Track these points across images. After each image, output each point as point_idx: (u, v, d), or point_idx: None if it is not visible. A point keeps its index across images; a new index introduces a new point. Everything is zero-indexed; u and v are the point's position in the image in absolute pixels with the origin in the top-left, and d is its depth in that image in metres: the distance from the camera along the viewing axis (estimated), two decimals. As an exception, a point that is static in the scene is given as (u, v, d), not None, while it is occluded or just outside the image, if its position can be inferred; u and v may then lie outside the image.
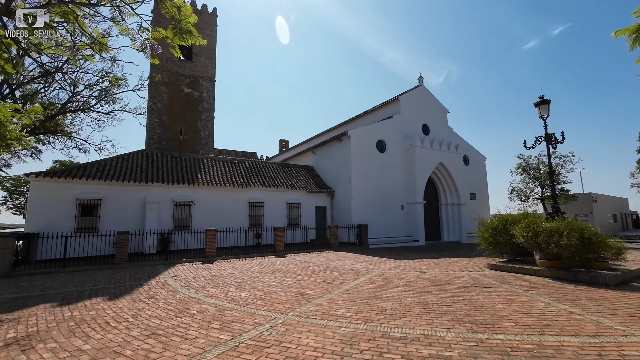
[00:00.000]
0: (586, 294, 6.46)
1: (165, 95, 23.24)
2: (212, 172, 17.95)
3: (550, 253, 8.28)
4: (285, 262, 11.91)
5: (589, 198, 29.87)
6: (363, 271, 9.77)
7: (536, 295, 6.40)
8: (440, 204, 23.06)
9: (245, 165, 19.88)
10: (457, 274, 9.10)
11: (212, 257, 13.10)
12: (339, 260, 12.50)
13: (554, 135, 9.72)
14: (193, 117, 24.17)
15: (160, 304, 6.20)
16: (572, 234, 7.92)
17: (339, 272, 9.58)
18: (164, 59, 23.46)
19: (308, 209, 19.69)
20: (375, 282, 8.05)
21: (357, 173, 19.19)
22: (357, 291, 7.03)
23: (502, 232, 9.95)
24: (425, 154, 21.22)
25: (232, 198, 17.32)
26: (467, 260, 11.89)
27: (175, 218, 15.70)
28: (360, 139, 19.64)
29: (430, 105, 23.68)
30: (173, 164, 17.43)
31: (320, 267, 10.75)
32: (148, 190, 15.19)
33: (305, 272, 9.61)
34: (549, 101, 9.93)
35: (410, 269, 10.02)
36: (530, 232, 8.62)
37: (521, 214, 10.37)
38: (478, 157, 26.69)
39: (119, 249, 11.60)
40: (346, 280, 8.36)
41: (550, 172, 9.91)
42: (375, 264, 11.37)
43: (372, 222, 19.12)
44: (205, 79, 25.02)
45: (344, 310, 5.58)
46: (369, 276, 8.88)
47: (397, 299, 6.33)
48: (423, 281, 8.06)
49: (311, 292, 6.98)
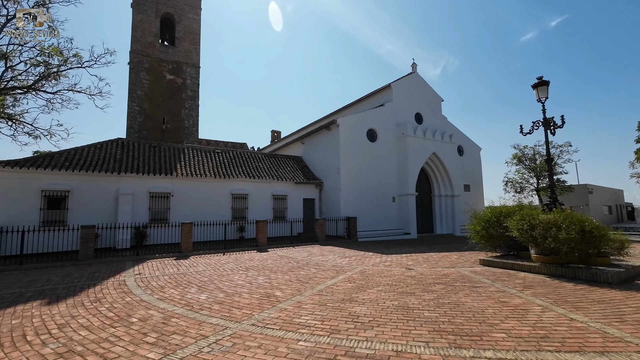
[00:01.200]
0: (587, 295, 5.73)
1: (146, 82, 22.09)
2: (193, 162, 17.01)
3: (547, 248, 7.56)
4: (264, 258, 11.13)
5: (585, 189, 29.34)
6: (345, 268, 9.01)
7: (532, 297, 5.66)
8: (434, 196, 22.35)
9: (229, 156, 18.95)
10: (446, 270, 8.37)
11: (187, 253, 12.28)
12: (323, 255, 11.74)
13: (552, 120, 8.92)
14: (176, 106, 23.08)
15: (102, 309, 5.38)
16: (572, 227, 7.19)
17: (318, 269, 8.81)
18: (144, 43, 22.28)
19: (295, 201, 18.87)
20: (355, 280, 7.29)
21: (346, 163, 18.35)
22: (331, 292, 6.25)
23: (495, 225, 9.22)
24: (418, 143, 20.40)
25: (214, 190, 16.44)
26: (458, 255, 11.18)
27: (151, 211, 14.81)
28: (349, 128, 18.74)
29: (424, 93, 22.77)
30: (151, 153, 16.45)
31: (300, 263, 9.98)
32: (121, 181, 14.25)
33: (282, 269, 8.83)
34: (547, 82, 9.10)
35: (396, 265, 9.28)
36: (525, 225, 7.88)
37: (516, 205, 9.63)
38: (473, 147, 25.93)
39: (84, 244, 10.73)
40: (323, 278, 7.59)
41: (548, 160, 9.14)
42: (360, 259, 10.62)
43: (362, 215, 18.36)
44: (189, 65, 23.85)
45: (310, 317, 4.80)
46: (350, 273, 8.12)
47: (374, 301, 5.56)
48: (407, 279, 7.31)
49: (279, 294, 6.19)
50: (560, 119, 8.73)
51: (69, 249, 12.34)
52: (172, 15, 23.78)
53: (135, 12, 22.40)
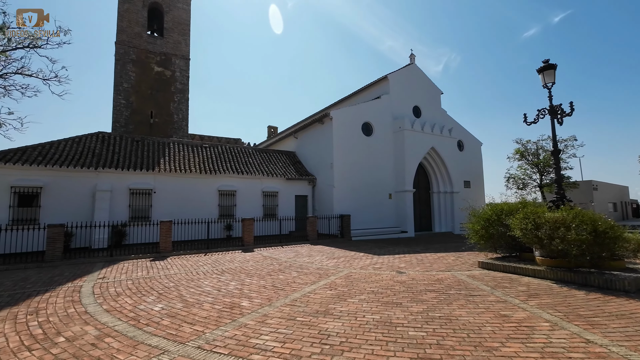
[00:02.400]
0: (603, 307, 4.90)
1: (133, 74, 21.23)
2: (178, 157, 16.20)
3: (554, 250, 6.72)
4: (246, 259, 10.34)
5: (590, 186, 28.44)
6: (330, 271, 8.20)
7: (537, 309, 4.84)
8: (432, 193, 21.50)
9: (218, 150, 18.12)
10: (441, 274, 7.54)
11: (166, 253, 11.50)
12: (310, 255, 10.94)
13: (560, 107, 8.04)
14: (165, 99, 22.23)
15: (33, 324, 4.59)
16: (582, 226, 6.34)
17: (300, 273, 8.00)
18: (131, 34, 21.40)
19: (287, 198, 18.05)
20: (337, 287, 6.47)
21: (340, 158, 17.50)
22: (306, 302, 5.44)
23: (495, 224, 8.38)
24: (416, 137, 19.52)
25: (200, 186, 15.63)
26: (455, 256, 10.35)
27: (132, 208, 14.03)
28: (343, 121, 17.86)
29: (422, 85, 21.84)
30: (133, 148, 15.64)
31: (283, 265, 9.17)
32: (99, 177, 13.45)
33: (260, 273, 8.03)
34: (554, 66, 8.21)
35: (386, 268, 8.46)
36: (529, 224, 7.04)
37: (519, 202, 8.78)
38: (473, 142, 25.03)
39: (51, 244, 9.96)
40: (302, 284, 6.78)
41: (554, 152, 8.27)
42: (349, 260, 9.81)
43: (357, 212, 17.55)
44: (179, 57, 22.96)
45: (271, 336, 3.98)
46: (333, 278, 7.31)
47: (352, 315, 4.75)
48: (396, 285, 6.49)
49: (246, 304, 5.38)
50: (569, 106, 7.86)
51: (41, 249, 11.57)
52: (161, 4, 22.87)
53: (122, 1, 21.48)
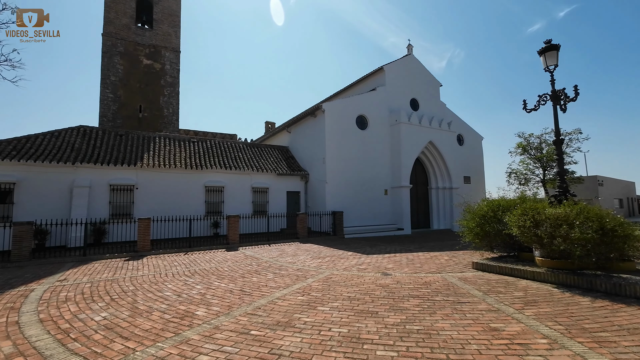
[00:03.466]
0: (611, 318, 4.19)
1: (121, 67, 20.57)
2: (164, 152, 15.55)
3: (556, 250, 6.00)
4: (225, 259, 9.69)
5: (595, 181, 27.52)
6: (310, 272, 7.53)
7: (534, 321, 4.13)
8: (430, 189, 20.75)
9: (206, 145, 17.46)
10: (430, 277, 6.85)
11: (144, 252, 10.89)
12: (295, 255, 10.27)
13: (563, 92, 7.26)
14: (154, 93, 21.57)
15: (-54, 338, 3.95)
16: (588, 224, 5.61)
17: (277, 274, 7.33)
18: (118, 25, 20.72)
19: (278, 194, 17.39)
20: (311, 291, 5.80)
21: (332, 153, 16.79)
22: (270, 310, 4.77)
23: (492, 221, 7.66)
24: (413, 131, 18.74)
25: (185, 182, 15.00)
26: (449, 256, 9.64)
27: (112, 205, 13.42)
28: (336, 114, 17.12)
29: (420, 77, 21.00)
30: (116, 142, 15.01)
31: (262, 265, 8.52)
32: (77, 172, 12.84)
33: (233, 275, 7.38)
34: (557, 47, 7.43)
35: (372, 269, 7.78)
36: (528, 221, 6.31)
37: (518, 197, 8.04)
38: (474, 136, 24.19)
39: (18, 243, 9.37)
40: (274, 288, 6.11)
41: (557, 142, 7.51)
42: (334, 260, 9.13)
43: (351, 209, 16.87)
44: (169, 49, 22.27)
45: (211, 357, 3.32)
46: (311, 281, 6.63)
47: (317, 328, 4.07)
48: (377, 290, 5.80)
49: (202, 313, 4.72)
50: (573, 90, 7.08)
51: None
52: (150, -5, 22.14)
53: (109, -8, 20.78)
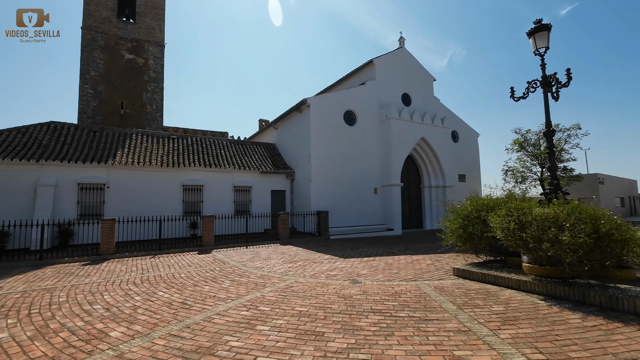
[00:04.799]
0: (605, 343, 3.41)
1: (101, 61, 19.83)
2: (140, 149, 14.80)
3: (543, 256, 5.21)
4: (190, 263, 8.94)
5: (595, 179, 26.65)
6: (272, 280, 6.76)
7: (510, 347, 3.36)
8: (423, 187, 19.95)
9: (187, 142, 16.70)
10: (403, 285, 6.07)
11: (107, 255, 10.15)
12: (268, 259, 9.51)
13: (554, 77, 6.46)
14: (137, 88, 20.84)
15: None
16: (580, 226, 4.82)
17: (233, 282, 6.57)
18: (99, 18, 19.98)
19: (261, 193, 16.63)
20: (261, 305, 5.03)
21: (318, 150, 16.01)
22: (198, 330, 4.01)
23: (475, 222, 6.88)
24: (404, 127, 17.93)
25: (162, 180, 14.25)
26: (432, 260, 8.86)
27: (81, 205, 12.69)
28: (323, 109, 16.34)
29: (412, 71, 20.18)
30: (88, 139, 14.27)
31: (225, 271, 7.76)
32: (42, 170, 12.11)
33: (186, 283, 6.62)
34: (548, 27, 6.63)
35: (342, 276, 7.01)
36: (512, 222, 5.52)
37: (504, 196, 7.24)
38: (469, 133, 23.37)
39: (-37, 246, 8.63)
40: (222, 299, 5.35)
41: (547, 133, 6.70)
42: (306, 265, 8.36)
43: (338, 208, 16.10)
44: (152, 43, 21.51)
45: (79, 402, 2.56)
46: (267, 290, 5.87)
47: (241, 355, 3.30)
48: (336, 303, 5.03)
49: (116, 334, 3.96)
50: (566, 74, 6.28)
51: (-32, 251, 10.30)
52: (133, -13, 21.40)
53: (89, -17, 20.05)
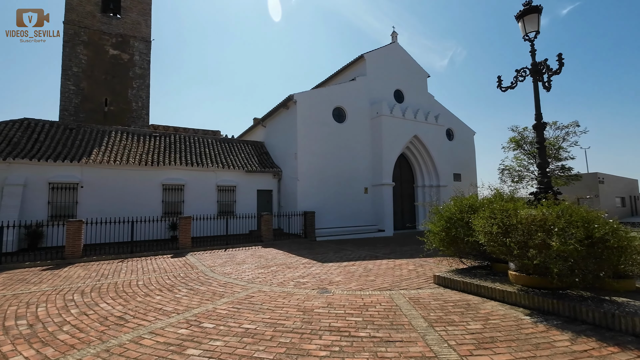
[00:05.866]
0: (596, 376, 2.78)
1: (84, 57, 19.24)
2: (117, 147, 14.19)
3: (529, 265, 4.58)
4: (156, 268, 8.33)
5: (595, 178, 25.96)
6: (234, 289, 6.14)
7: (478, 382, 2.73)
8: (417, 186, 19.31)
9: (170, 140, 16.08)
10: (375, 296, 5.44)
11: (73, 259, 9.55)
12: (242, 263, 8.89)
13: (544, 64, 5.82)
14: (122, 85, 20.23)
15: None
16: (570, 230, 4.19)
17: (191, 291, 5.95)
18: (82, 13, 19.38)
19: (247, 192, 16.00)
20: (206, 320, 4.41)
21: (306, 147, 15.38)
22: (117, 355, 3.39)
23: (459, 225, 6.25)
24: (396, 124, 17.29)
25: (140, 180, 13.64)
26: (416, 264, 8.24)
27: (52, 206, 12.09)
28: (310, 105, 15.71)
29: (405, 67, 19.53)
30: (63, 137, 13.67)
31: (188, 277, 7.14)
32: (10, 169, 11.52)
33: (138, 292, 6.01)
34: (538, 9, 5.99)
35: (312, 284, 6.38)
36: (495, 226, 4.89)
37: (492, 196, 6.60)
38: (465, 131, 22.70)
39: None
40: (165, 314, 4.73)
41: (537, 126, 6.04)
42: (278, 271, 7.74)
43: (327, 209, 15.48)
44: (138, 39, 20.90)
45: None
46: (222, 302, 5.25)
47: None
48: (292, 318, 4.41)
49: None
50: (557, 60, 5.63)
51: None
52: (118, -19, 20.80)
53: (71, -23, 19.46)
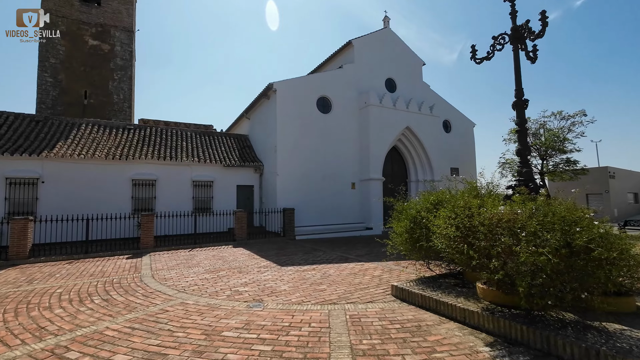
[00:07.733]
0: None
1: (62, 48, 18.52)
2: (85, 140, 13.42)
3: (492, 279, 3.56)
4: (96, 272, 7.51)
5: (605, 173, 24.41)
6: (157, 299, 5.26)
7: None
8: (410, 182, 18.19)
9: (144, 133, 15.27)
10: (310, 312, 4.48)
11: (18, 260, 8.80)
12: (195, 266, 8.01)
13: (526, 27, 4.72)
14: (102, 77, 19.49)
15: None
16: (544, 236, 3.15)
17: (103, 302, 5.08)
18: (59, 1, 18.62)
19: (226, 188, 15.13)
20: (75, 349, 3.52)
21: (287, 140, 14.40)
22: None
23: (423, 226, 5.23)
24: (386, 115, 16.17)
25: (107, 175, 12.86)
26: (385, 269, 7.23)
27: (10, 202, 11.39)
28: (292, 95, 14.69)
29: (398, 54, 18.32)
30: (27, 129, 12.95)
31: (118, 284, 6.29)
32: (-37, 163, 10.84)
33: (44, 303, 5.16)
34: (521, -39, 4.85)
35: (250, 294, 5.45)
36: (453, 227, 3.87)
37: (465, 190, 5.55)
38: (464, 122, 21.40)
39: None
40: (32, 339, 3.85)
41: (517, 104, 4.93)
42: (223, 277, 6.83)
43: (310, 205, 14.53)
44: (119, 28, 20.09)
45: None
46: (126, 318, 4.35)
47: None
48: (188, 344, 3.49)
49: None
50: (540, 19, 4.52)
51: None
52: (98, -32, 19.98)
53: (48, -36, 18.70)
